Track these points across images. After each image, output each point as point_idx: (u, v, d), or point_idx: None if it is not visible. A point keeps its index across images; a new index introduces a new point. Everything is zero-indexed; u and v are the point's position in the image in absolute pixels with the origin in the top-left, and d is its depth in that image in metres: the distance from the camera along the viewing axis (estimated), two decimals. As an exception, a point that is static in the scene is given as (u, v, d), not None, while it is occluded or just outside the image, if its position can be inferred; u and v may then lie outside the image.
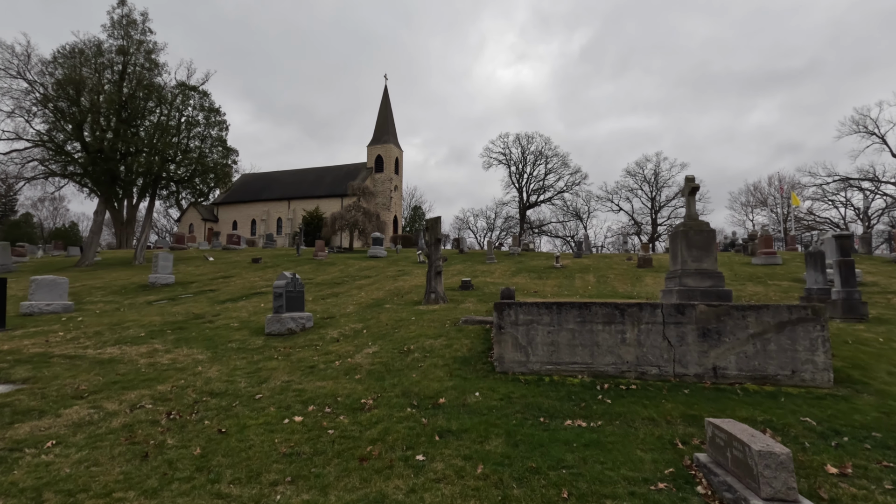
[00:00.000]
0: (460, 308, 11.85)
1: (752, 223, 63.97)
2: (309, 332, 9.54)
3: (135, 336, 8.97)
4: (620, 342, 5.64)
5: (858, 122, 52.72)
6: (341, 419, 4.56)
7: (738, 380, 5.36)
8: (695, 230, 7.84)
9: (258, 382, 5.85)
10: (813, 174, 56.73)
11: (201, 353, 7.62)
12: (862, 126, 52.95)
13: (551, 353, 5.77)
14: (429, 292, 13.31)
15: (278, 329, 9.32)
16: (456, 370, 6.09)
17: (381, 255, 28.79)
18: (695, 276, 7.64)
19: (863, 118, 52.70)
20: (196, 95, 28.13)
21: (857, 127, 53.10)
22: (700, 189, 7.98)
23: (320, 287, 17.47)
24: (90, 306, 13.93)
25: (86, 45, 26.14)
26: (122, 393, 5.39)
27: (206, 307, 13.39)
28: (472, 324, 8.95)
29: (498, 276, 20.26)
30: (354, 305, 13.45)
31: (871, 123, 52.15)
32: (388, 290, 16.36)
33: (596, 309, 5.73)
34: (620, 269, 20.63)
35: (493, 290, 15.98)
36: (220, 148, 29.11)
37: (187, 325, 10.36)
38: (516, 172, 64.99)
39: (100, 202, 26.82)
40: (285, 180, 60.71)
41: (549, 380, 5.58)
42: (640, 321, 5.62)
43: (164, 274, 18.20)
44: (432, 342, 7.67)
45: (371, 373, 6.21)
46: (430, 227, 13.74)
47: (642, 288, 15.95)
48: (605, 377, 5.59)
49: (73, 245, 60.66)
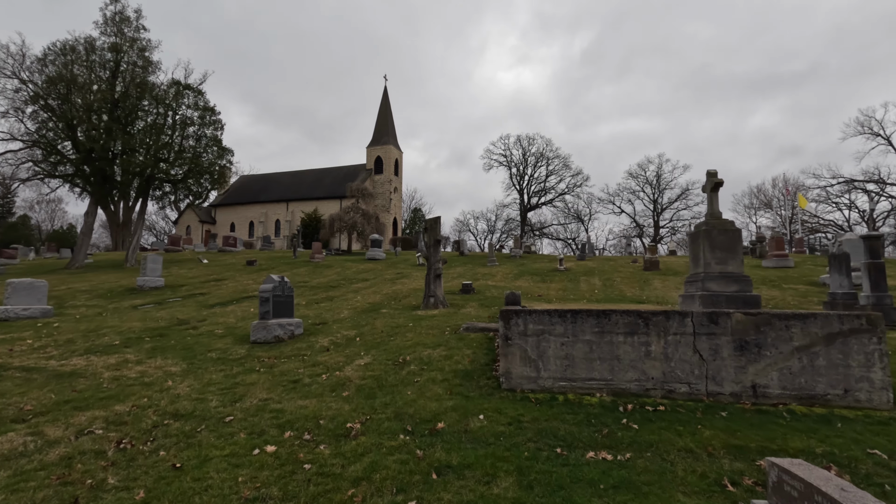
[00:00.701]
0: (461, 313, 11.15)
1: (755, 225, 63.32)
2: (298, 339, 8.84)
3: (108, 345, 8.27)
4: (644, 356, 4.94)
5: (863, 123, 52.13)
6: (321, 450, 3.86)
7: (781, 399, 4.66)
8: (718, 230, 7.14)
9: (232, 401, 5.15)
10: (817, 176, 56.07)
11: (176, 364, 6.91)
12: (867, 127, 52.36)
13: (565, 368, 5.07)
14: (427, 296, 12.62)
15: (264, 337, 8.62)
16: (457, 386, 5.38)
17: (379, 257, 28.10)
18: (719, 279, 6.94)
19: (868, 119, 52.11)
20: (190, 94, 27.48)
21: (862, 128, 52.50)
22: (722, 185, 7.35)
23: (315, 291, 16.77)
24: (71, 311, 13.23)
25: (77, 43, 25.54)
26: (72, 415, 4.69)
27: (193, 312, 12.69)
28: (473, 331, 8.25)
29: (500, 279, 19.56)
30: (349, 310, 12.75)
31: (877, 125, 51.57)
32: (386, 293, 15.66)
33: (616, 318, 5.03)
34: (626, 273, 19.93)
35: (495, 294, 15.28)
36: (215, 148, 28.44)
37: (168, 332, 9.66)
38: (517, 174, 64.40)
39: (91, 203, 26.16)
40: (284, 182, 60.08)
41: (563, 399, 4.87)
42: (666, 332, 4.92)
43: (153, 277, 17.51)
44: (430, 352, 6.97)
45: (361, 389, 5.50)
46: (429, 228, 13.05)
47: (651, 292, 15.24)
48: (627, 396, 4.89)
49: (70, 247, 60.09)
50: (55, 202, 76.67)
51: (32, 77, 25.20)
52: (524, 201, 64.22)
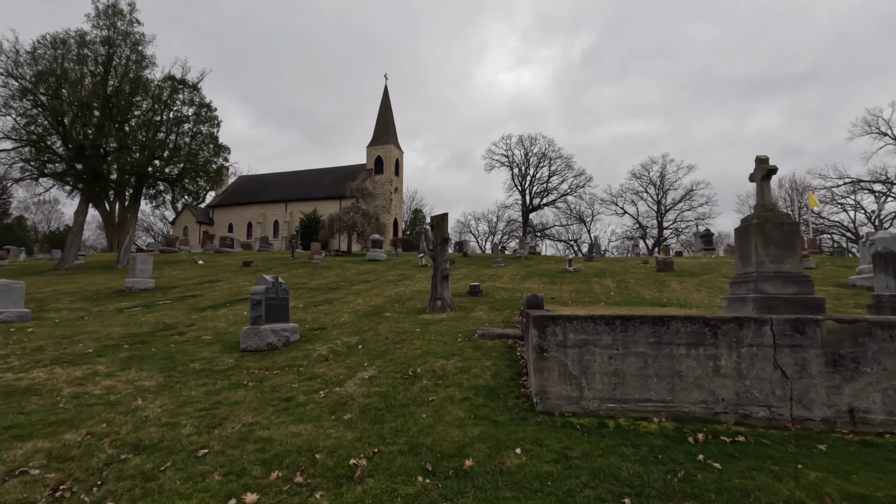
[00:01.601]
0: (471, 318, 10.26)
1: (760, 227, 62.38)
2: (293, 347, 7.94)
3: (79, 353, 7.37)
4: (713, 372, 4.05)
5: (871, 123, 51.40)
6: (317, 499, 2.96)
7: (886, 427, 3.78)
8: (773, 223, 6.26)
9: (210, 426, 4.25)
10: (823, 176, 55.34)
11: (151, 377, 6.01)
12: (874, 127, 51.64)
13: (614, 387, 4.18)
14: (434, 299, 11.73)
15: (256, 344, 7.72)
16: (481, 407, 4.49)
17: (380, 258, 27.22)
18: (775, 280, 6.05)
19: (875, 119, 51.38)
20: (185, 90, 26.61)
21: (869, 128, 51.78)
22: (776, 172, 6.46)
23: (313, 293, 15.88)
24: (52, 314, 12.32)
25: (68, 36, 24.68)
26: (8, 446, 3.79)
27: (182, 315, 11.80)
28: (490, 338, 7.36)
29: (507, 280, 18.68)
30: (350, 314, 11.86)
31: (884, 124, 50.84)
32: (388, 296, 14.77)
33: (677, 326, 4.14)
34: (639, 274, 19.05)
35: (505, 297, 14.40)
36: (212, 145, 27.56)
37: (150, 339, 8.76)
38: (519, 175, 63.53)
39: (81, 202, 25.27)
40: (282, 182, 59.20)
41: (613, 425, 3.98)
42: (739, 342, 4.04)
43: (143, 278, 16.61)
44: (444, 363, 6.08)
45: (366, 410, 4.61)
46: (435, 226, 12.17)
47: (671, 294, 14.36)
48: (692, 421, 4.00)
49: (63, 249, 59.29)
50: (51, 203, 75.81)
51: (23, 72, 24.33)
52: (526, 202, 63.36)
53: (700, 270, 19.09)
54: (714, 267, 20.01)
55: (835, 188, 55.45)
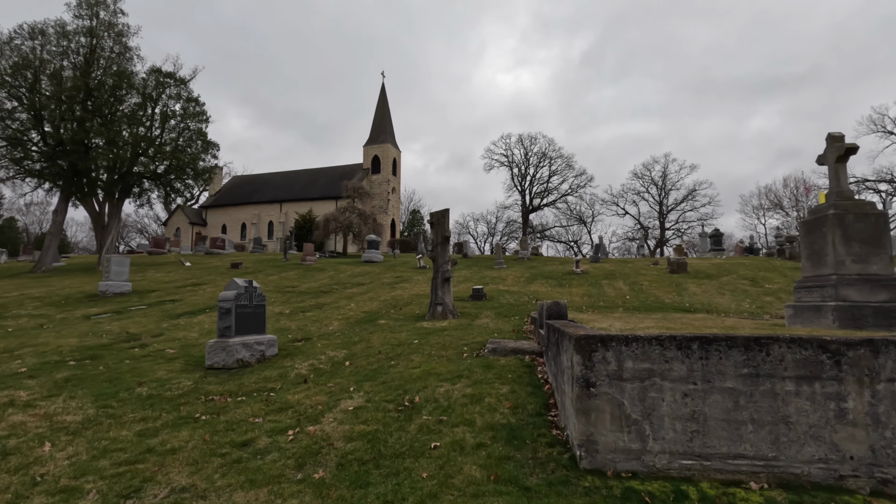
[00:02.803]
0: (476, 326, 9.06)
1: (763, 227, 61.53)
2: (268, 364, 6.72)
3: (9, 374, 6.13)
4: (835, 417, 2.86)
5: (877, 121, 50.51)
6: None
7: None
8: (855, 214, 5.07)
9: (121, 495, 3.03)
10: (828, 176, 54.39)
11: (79, 409, 4.78)
12: (880, 125, 50.77)
13: (691, 437, 2.98)
14: (434, 304, 10.52)
15: (223, 361, 6.49)
16: (502, 461, 3.28)
17: (377, 259, 25.99)
18: (860, 284, 4.87)
19: (881, 117, 50.48)
20: (172, 83, 25.37)
21: (875, 126, 50.89)
22: (855, 152, 5.18)
23: (303, 297, 14.65)
24: (8, 322, 11.06)
25: (47, 26, 23.42)
26: None
27: (152, 323, 10.56)
28: (502, 354, 6.15)
29: (511, 283, 17.48)
30: (340, 321, 10.64)
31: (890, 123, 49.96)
32: (384, 300, 13.55)
33: (781, 350, 2.95)
34: (651, 276, 17.88)
35: (511, 301, 13.20)
36: (200, 142, 26.30)
37: (104, 353, 7.52)
38: (519, 175, 62.33)
39: (60, 201, 24.03)
40: (277, 182, 57.92)
41: (696, 495, 2.78)
42: (874, 375, 2.85)
43: (119, 281, 15.35)
44: (449, 388, 4.87)
45: (346, 463, 3.40)
46: (435, 223, 10.97)
47: (691, 298, 13.18)
48: (806, 488, 2.81)
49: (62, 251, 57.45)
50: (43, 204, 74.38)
51: (-1, 63, 23.05)
52: (526, 202, 62.20)
53: (716, 272, 17.94)
54: (729, 268, 18.86)
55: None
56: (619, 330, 4.48)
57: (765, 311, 11.05)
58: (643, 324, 5.65)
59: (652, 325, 5.79)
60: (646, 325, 5.55)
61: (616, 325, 5.80)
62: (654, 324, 6.10)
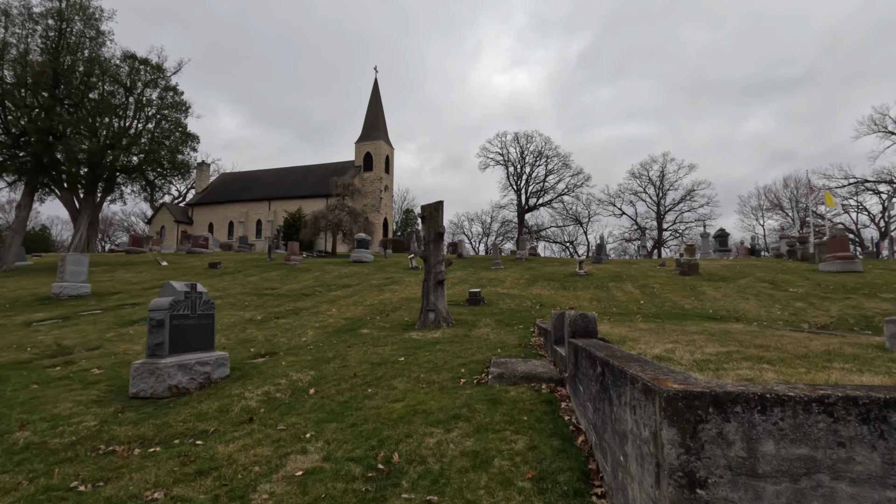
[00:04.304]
0: (475, 337, 7.66)
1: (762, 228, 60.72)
2: (213, 390, 5.28)
3: None
4: None
5: (878, 121, 49.81)
6: None
7: None
8: None
9: None
10: (828, 176, 53.72)
11: None
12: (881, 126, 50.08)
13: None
14: (426, 310, 9.12)
15: (151, 389, 5.04)
16: None
17: (366, 259, 24.54)
18: None
19: (882, 117, 49.78)
20: (148, 70, 23.75)
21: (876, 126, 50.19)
22: None
23: (281, 300, 13.18)
24: (-69, 330, 9.51)
25: (10, 7, 21.74)
26: None
27: (96, 333, 9.07)
28: (511, 382, 4.75)
29: (510, 285, 16.12)
30: (317, 330, 9.21)
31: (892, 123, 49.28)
32: (371, 305, 12.13)
33: None
34: (661, 278, 16.58)
35: (512, 306, 11.82)
36: (178, 133, 24.70)
37: (11, 374, 6.03)
38: (514, 174, 61.03)
39: (24, 195, 22.30)
40: (267, 180, 56.19)
41: None
42: None
43: (75, 283, 13.79)
44: (442, 438, 3.47)
45: None
46: (427, 217, 9.57)
47: (712, 303, 11.85)
48: None
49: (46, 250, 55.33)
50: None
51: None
52: (521, 202, 60.92)
53: (729, 274, 16.67)
54: (743, 270, 17.61)
55: (838, 188, 53.91)
56: (688, 363, 3.10)
57: (801, 320, 9.74)
58: (709, 347, 4.24)
59: (712, 346, 4.41)
60: (712, 349, 4.15)
61: (657, 345, 4.41)
62: (707, 342, 4.74)
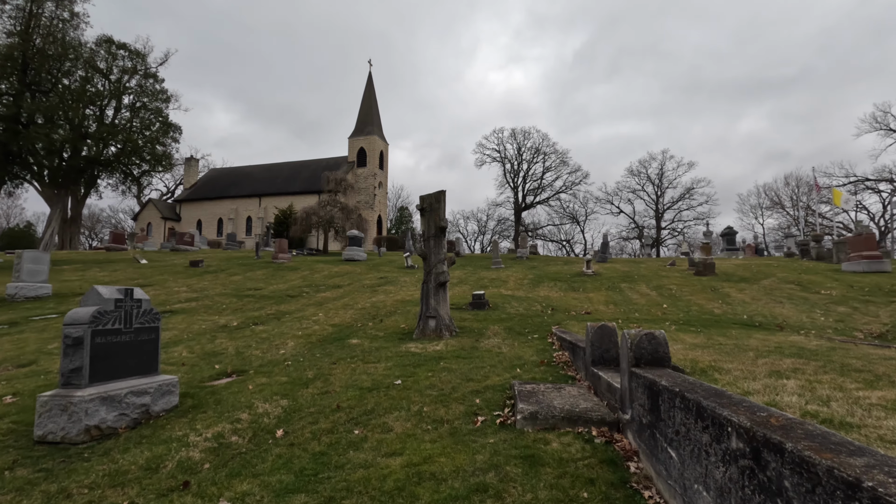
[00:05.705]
0: (485, 350, 6.41)
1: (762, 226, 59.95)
2: (148, 431, 3.99)
3: None
4: None
5: (879, 119, 49.13)
6: None
7: None
8: None
9: None
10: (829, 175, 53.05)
11: None
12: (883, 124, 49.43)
13: None
14: (426, 317, 7.86)
15: (63, 431, 3.75)
16: None
17: (359, 258, 23.24)
18: None
19: (884, 115, 49.10)
20: (126, 55, 22.21)
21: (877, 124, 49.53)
22: None
23: (263, 303, 11.87)
24: None
25: (-26, -15, 20.16)
26: None
27: (38, 343, 7.74)
28: (549, 426, 3.48)
29: (514, 286, 14.90)
30: (298, 339, 7.92)
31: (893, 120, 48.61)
32: (362, 308, 10.85)
33: None
34: (675, 278, 15.43)
35: (521, 311, 10.58)
36: (158, 123, 23.23)
37: None
38: (511, 171, 59.81)
39: (-10, 187, 20.78)
40: (257, 175, 54.57)
41: None
42: None
43: (34, 283, 12.40)
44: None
45: None
46: (427, 209, 8.31)
47: (743, 307, 10.68)
48: None
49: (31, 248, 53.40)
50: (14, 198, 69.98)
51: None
52: (518, 200, 59.73)
53: (748, 274, 15.55)
54: (762, 270, 16.50)
55: (839, 187, 53.26)
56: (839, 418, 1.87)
57: (851, 328, 8.58)
58: (825, 380, 2.97)
59: (827, 376, 3.17)
60: (833, 383, 2.89)
61: (749, 377, 3.17)
62: (805, 368, 3.51)
